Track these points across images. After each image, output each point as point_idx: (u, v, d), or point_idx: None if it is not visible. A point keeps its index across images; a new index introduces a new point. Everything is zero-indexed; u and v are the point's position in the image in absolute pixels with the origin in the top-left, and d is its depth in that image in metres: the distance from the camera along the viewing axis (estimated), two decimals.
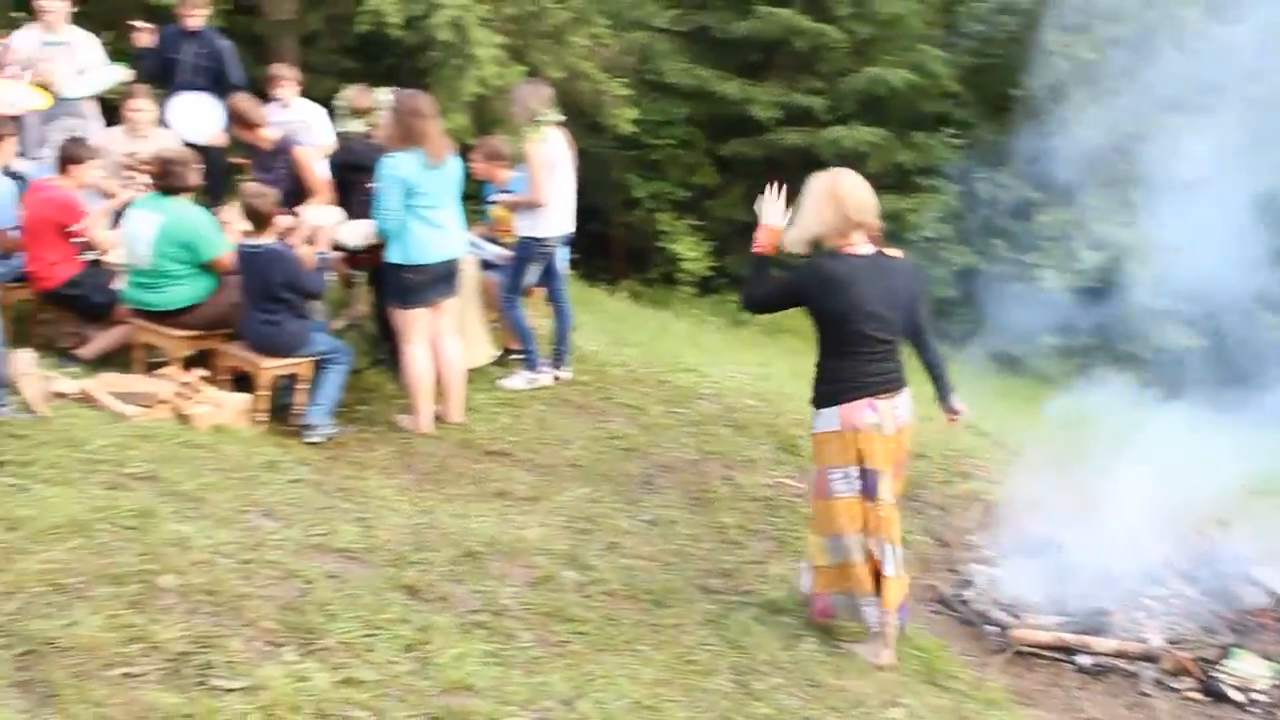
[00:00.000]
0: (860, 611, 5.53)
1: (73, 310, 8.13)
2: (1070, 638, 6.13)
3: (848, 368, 5.38)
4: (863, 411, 5.33)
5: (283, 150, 8.57)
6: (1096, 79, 11.94)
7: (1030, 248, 15.16)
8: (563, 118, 8.48)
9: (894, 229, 15.58)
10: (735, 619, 5.63)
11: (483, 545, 5.83)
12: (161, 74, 9.70)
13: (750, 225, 5.69)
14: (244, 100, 8.72)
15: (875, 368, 5.39)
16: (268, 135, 8.59)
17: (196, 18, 9.68)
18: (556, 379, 8.77)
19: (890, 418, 5.39)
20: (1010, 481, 7.68)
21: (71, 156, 8.00)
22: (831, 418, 5.39)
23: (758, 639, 5.46)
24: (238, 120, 8.69)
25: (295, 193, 8.43)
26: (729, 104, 16.43)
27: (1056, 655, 6.07)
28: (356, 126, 8.47)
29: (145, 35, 9.53)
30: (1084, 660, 6.04)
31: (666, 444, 8.10)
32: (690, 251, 16.03)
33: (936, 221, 16.18)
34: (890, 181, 16.02)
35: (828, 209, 5.40)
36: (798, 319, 14.22)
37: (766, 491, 7.53)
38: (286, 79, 9.63)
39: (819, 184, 5.46)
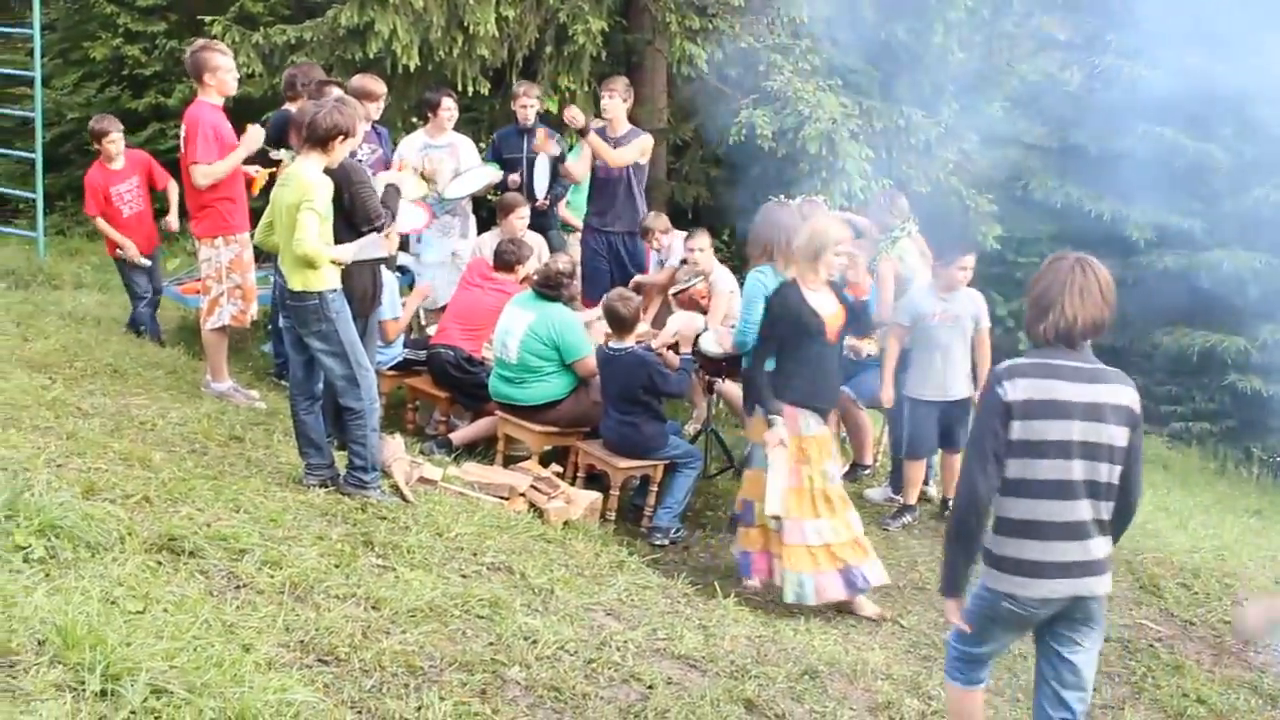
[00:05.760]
0: None
1: (457, 389, 8.56)
2: None
3: None
4: None
5: None
6: None
7: None
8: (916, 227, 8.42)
9: (1275, 359, 14.64)
10: None
11: (824, 664, 5.71)
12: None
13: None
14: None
15: None
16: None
17: (527, 111, 10.13)
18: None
19: None
20: None
21: (514, 257, 8.62)
22: None
23: None
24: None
25: None
26: (1099, 223, 15.87)
27: None
28: None
29: (551, 144, 9.96)
30: None
31: None
32: None
33: None
34: (1271, 308, 15.06)
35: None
36: (1163, 450, 13.59)
37: (1124, 633, 7.09)
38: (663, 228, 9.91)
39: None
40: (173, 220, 9.92)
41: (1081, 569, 4.26)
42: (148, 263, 9.80)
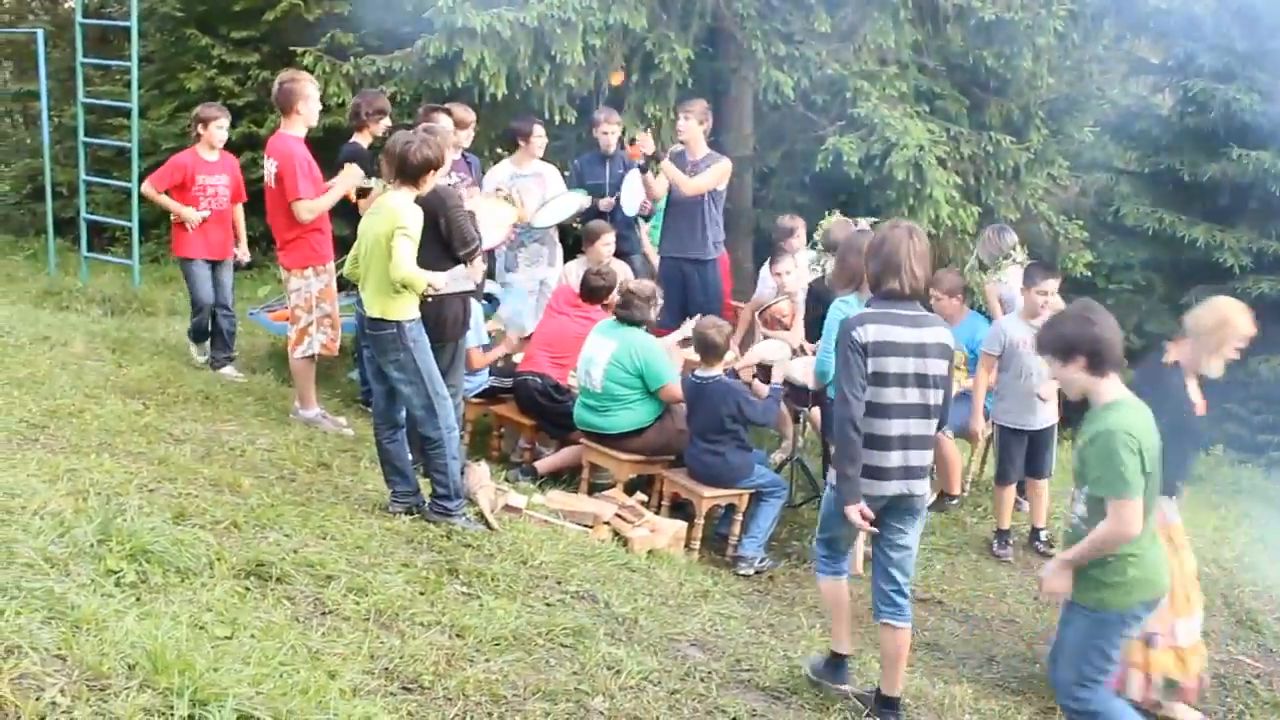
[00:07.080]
0: None
1: (543, 417, 8.58)
2: None
3: None
4: None
5: None
6: None
7: None
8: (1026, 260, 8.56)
9: None
10: None
11: (910, 697, 5.63)
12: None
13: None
14: None
15: None
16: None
17: (608, 138, 10.18)
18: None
19: None
20: None
21: (603, 289, 8.61)
22: None
23: None
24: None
25: None
26: (1193, 249, 15.62)
27: None
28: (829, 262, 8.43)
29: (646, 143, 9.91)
30: None
31: None
32: None
33: None
34: None
35: None
36: (1260, 480, 13.26)
37: (1220, 668, 6.92)
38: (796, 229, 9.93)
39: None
40: (243, 252, 9.86)
41: (909, 472, 5.22)
42: (198, 217, 9.33)
